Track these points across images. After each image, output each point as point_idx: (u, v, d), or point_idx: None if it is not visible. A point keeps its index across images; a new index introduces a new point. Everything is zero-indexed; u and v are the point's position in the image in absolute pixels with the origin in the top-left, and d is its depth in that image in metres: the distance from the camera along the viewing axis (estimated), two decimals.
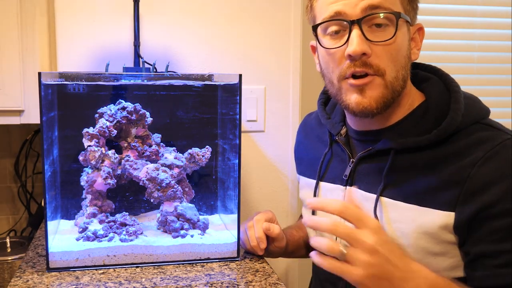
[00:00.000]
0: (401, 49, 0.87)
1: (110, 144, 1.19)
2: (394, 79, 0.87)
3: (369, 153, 0.94)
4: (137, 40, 1.34)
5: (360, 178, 0.96)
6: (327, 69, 0.92)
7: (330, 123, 1.05)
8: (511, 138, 0.83)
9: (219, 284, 1.01)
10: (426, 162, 0.86)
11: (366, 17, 0.84)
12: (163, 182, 1.14)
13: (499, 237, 0.79)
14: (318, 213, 1.05)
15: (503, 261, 0.79)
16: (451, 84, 0.91)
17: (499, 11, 1.75)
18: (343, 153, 1.00)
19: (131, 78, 1.21)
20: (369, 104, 0.87)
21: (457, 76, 1.91)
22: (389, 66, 0.86)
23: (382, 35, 0.85)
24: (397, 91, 0.88)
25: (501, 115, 1.79)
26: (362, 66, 0.85)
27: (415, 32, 0.92)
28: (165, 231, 1.17)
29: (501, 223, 0.79)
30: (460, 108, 0.86)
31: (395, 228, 0.89)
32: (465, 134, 0.85)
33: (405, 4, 0.88)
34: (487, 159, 0.81)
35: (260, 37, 1.47)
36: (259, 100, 1.49)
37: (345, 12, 0.85)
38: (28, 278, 1.01)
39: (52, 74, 1.14)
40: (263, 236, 1.10)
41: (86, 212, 1.16)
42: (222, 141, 1.25)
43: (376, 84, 0.86)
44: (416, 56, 0.93)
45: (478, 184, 0.80)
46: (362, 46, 0.84)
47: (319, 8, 0.90)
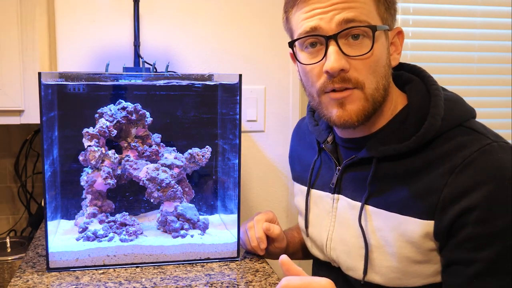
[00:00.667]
0: (379, 60, 0.86)
1: (110, 144, 1.19)
2: (375, 91, 0.86)
3: (353, 161, 0.94)
4: (137, 40, 1.34)
5: (346, 186, 0.96)
6: (306, 83, 0.92)
7: (317, 130, 1.04)
8: (491, 143, 0.81)
9: (219, 284, 1.01)
10: (407, 169, 0.86)
11: (342, 31, 0.83)
12: (163, 182, 1.14)
13: (473, 245, 0.78)
14: (310, 219, 1.05)
15: (475, 270, 0.78)
16: (431, 87, 0.90)
17: (499, 11, 1.75)
18: (330, 161, 1.00)
19: (131, 78, 1.21)
20: (350, 117, 0.86)
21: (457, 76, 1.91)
22: (368, 78, 0.85)
23: (359, 47, 0.84)
24: (378, 102, 0.87)
25: (501, 115, 1.79)
26: (341, 82, 0.84)
27: (395, 36, 0.91)
28: (165, 231, 1.17)
29: (476, 231, 0.78)
30: (439, 113, 0.85)
31: (379, 237, 0.89)
32: (445, 138, 0.84)
33: (382, 12, 0.86)
34: (465, 166, 0.79)
35: (260, 37, 1.47)
36: (259, 100, 1.49)
37: (321, 27, 0.84)
38: (28, 278, 1.01)
39: (52, 74, 1.14)
40: (263, 236, 1.10)
41: (86, 212, 1.16)
42: (222, 141, 1.25)
43: (355, 97, 0.85)
44: (396, 61, 0.92)
45: (455, 192, 0.79)
46: (339, 62, 0.83)
47: (295, 22, 0.90)
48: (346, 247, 0.95)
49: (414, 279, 0.87)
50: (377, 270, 0.90)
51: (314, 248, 1.06)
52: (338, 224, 0.97)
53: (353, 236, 0.93)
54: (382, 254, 0.89)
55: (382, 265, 0.89)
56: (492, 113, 1.78)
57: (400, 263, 0.87)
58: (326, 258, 1.03)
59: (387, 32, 0.88)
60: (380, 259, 0.89)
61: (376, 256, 0.90)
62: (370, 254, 0.90)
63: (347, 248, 0.95)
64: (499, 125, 1.77)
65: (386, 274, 0.89)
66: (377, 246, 0.89)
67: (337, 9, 0.83)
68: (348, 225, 0.95)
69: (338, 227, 0.98)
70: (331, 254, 0.99)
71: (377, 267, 0.89)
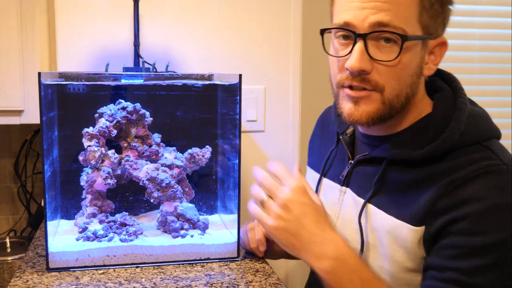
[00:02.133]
0: (406, 68, 0.84)
1: (110, 144, 1.19)
2: (395, 97, 0.84)
3: (365, 158, 0.93)
4: (137, 40, 1.34)
5: (355, 180, 0.96)
6: (330, 71, 0.91)
7: (339, 120, 1.03)
8: (500, 165, 0.80)
9: (219, 284, 1.01)
10: (414, 177, 0.85)
11: (372, 33, 0.81)
12: (163, 182, 1.14)
13: (453, 253, 0.78)
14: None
15: (448, 277, 0.78)
16: (459, 99, 0.88)
17: (499, 11, 1.75)
18: (345, 153, 1.00)
19: (131, 78, 1.21)
20: (360, 118, 0.85)
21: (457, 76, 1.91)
22: (390, 83, 0.83)
23: (388, 52, 0.82)
24: (395, 108, 0.85)
25: (501, 115, 1.79)
26: (360, 81, 0.83)
27: (437, 46, 0.88)
28: (165, 231, 1.17)
29: (459, 240, 0.77)
30: (459, 127, 0.83)
31: (376, 237, 0.89)
32: (461, 153, 0.83)
33: (425, 19, 0.83)
34: (467, 180, 0.79)
35: (260, 37, 1.47)
36: (259, 100, 1.49)
37: (354, 24, 0.82)
38: (28, 278, 1.01)
39: (52, 74, 1.14)
40: (263, 238, 1.11)
41: (86, 212, 1.16)
42: (222, 141, 1.25)
43: (372, 99, 0.84)
44: (430, 72, 0.89)
45: (450, 202, 0.79)
46: (361, 63, 0.81)
47: (336, 8, 0.87)
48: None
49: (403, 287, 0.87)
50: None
51: None
52: (342, 217, 0.98)
53: (352, 231, 0.93)
54: (376, 254, 0.89)
55: (375, 264, 0.89)
56: (492, 113, 1.76)
57: (391, 267, 0.87)
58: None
59: (427, 41, 0.85)
60: (373, 258, 0.89)
61: (370, 255, 0.90)
62: (366, 252, 0.90)
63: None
64: (499, 125, 1.76)
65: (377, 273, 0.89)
66: (373, 246, 0.89)
67: (374, 9, 0.80)
68: (350, 220, 0.95)
69: (341, 220, 0.98)
70: None
71: (370, 266, 0.89)
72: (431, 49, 0.87)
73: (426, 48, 0.86)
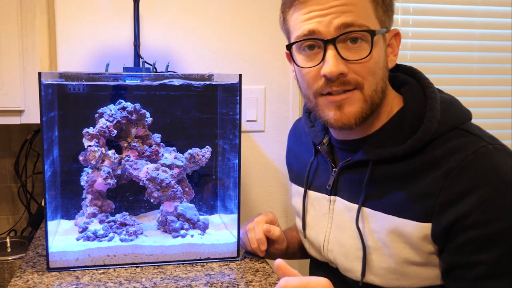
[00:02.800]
0: (378, 62, 0.86)
1: (110, 144, 1.19)
2: (373, 92, 0.86)
3: (349, 163, 0.93)
4: (137, 40, 1.34)
5: (343, 188, 0.96)
6: (302, 85, 0.91)
7: (313, 132, 1.04)
8: (487, 145, 0.81)
9: (219, 284, 1.01)
10: (403, 172, 0.85)
11: (341, 35, 0.82)
12: (163, 182, 1.14)
13: (473, 248, 0.79)
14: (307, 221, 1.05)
15: (476, 273, 0.78)
16: (427, 89, 0.89)
17: (499, 11, 1.75)
18: (326, 162, 1.00)
19: (131, 78, 1.21)
20: (348, 120, 0.86)
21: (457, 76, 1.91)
22: (368, 80, 0.85)
23: (358, 51, 0.83)
24: (375, 104, 0.87)
25: (501, 115, 1.78)
26: (340, 85, 0.84)
27: (392, 38, 0.90)
28: (165, 231, 1.17)
29: (475, 234, 0.78)
30: (435, 116, 0.84)
31: (377, 239, 0.89)
32: (441, 141, 0.84)
33: (380, 15, 0.86)
34: (461, 169, 0.79)
35: (260, 37, 1.47)
36: (259, 100, 1.49)
37: (319, 30, 0.83)
38: (28, 278, 1.01)
39: (52, 74, 1.14)
40: (263, 238, 1.10)
41: (86, 212, 1.16)
42: (222, 141, 1.25)
43: (354, 99, 0.85)
44: (393, 63, 0.91)
45: (452, 195, 0.79)
46: (338, 67, 0.82)
47: (292, 23, 0.89)
48: (343, 249, 0.95)
49: (412, 280, 0.87)
50: (375, 271, 0.90)
51: (312, 249, 1.07)
52: (335, 225, 0.97)
53: (350, 238, 0.93)
54: (380, 256, 0.89)
55: (380, 266, 0.89)
56: (492, 113, 1.78)
57: (398, 264, 0.87)
58: (323, 259, 1.03)
59: (384, 34, 0.88)
60: (378, 261, 0.89)
61: (374, 257, 0.90)
62: (368, 255, 0.90)
63: (344, 250, 0.95)
64: (499, 125, 1.77)
65: (384, 275, 0.89)
66: (375, 248, 0.89)
67: (336, 13, 0.82)
68: (345, 227, 0.94)
69: (335, 228, 0.97)
70: (328, 255, 0.99)
71: (375, 268, 0.89)
72: (388, 41, 0.90)
73: (385, 41, 0.88)
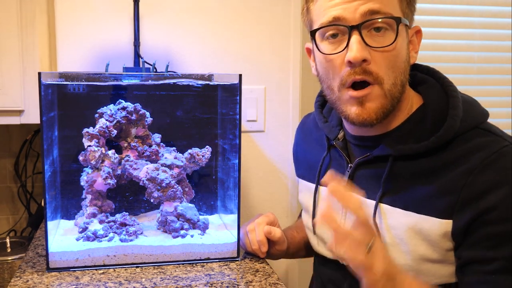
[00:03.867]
0: (400, 54, 0.86)
1: (110, 144, 1.19)
2: (392, 86, 0.85)
3: (367, 159, 0.93)
4: (137, 40, 1.34)
5: (359, 183, 0.95)
6: (326, 75, 0.91)
7: (327, 127, 1.03)
8: (509, 145, 0.82)
9: (219, 284, 1.01)
10: (424, 169, 0.85)
11: (366, 22, 0.82)
12: (163, 182, 1.14)
13: (491, 244, 0.79)
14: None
15: (493, 268, 0.78)
16: (449, 88, 0.90)
17: (499, 11, 1.75)
18: (341, 158, 0.99)
19: (131, 78, 1.21)
20: (369, 116, 0.86)
21: (457, 76, 1.91)
22: (387, 74, 0.85)
23: (381, 40, 0.83)
24: (396, 98, 0.87)
25: (501, 115, 1.79)
26: (362, 73, 0.84)
27: (413, 35, 0.91)
28: (165, 231, 1.17)
29: (495, 230, 0.78)
30: (458, 114, 0.85)
31: (394, 235, 0.88)
32: (463, 140, 0.84)
33: (404, 7, 0.87)
34: (484, 167, 0.80)
35: (260, 37, 1.47)
36: (259, 100, 1.49)
37: (344, 17, 0.83)
38: (28, 278, 1.01)
39: (52, 74, 1.14)
40: (264, 239, 1.10)
41: (86, 212, 1.16)
42: (222, 141, 1.25)
43: (375, 94, 0.85)
44: (414, 60, 0.92)
45: (474, 192, 0.79)
46: (362, 53, 0.82)
47: (316, 12, 0.89)
48: None
49: (427, 277, 0.87)
50: None
51: (322, 247, 1.05)
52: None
53: None
54: (397, 253, 0.88)
55: (398, 262, 0.88)
56: (492, 113, 1.77)
57: (414, 261, 0.86)
58: (334, 256, 1.02)
59: (407, 28, 0.88)
60: (394, 257, 0.88)
61: (391, 254, 0.89)
62: None
63: None
64: (499, 125, 1.76)
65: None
66: (392, 244, 0.89)
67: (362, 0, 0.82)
68: None
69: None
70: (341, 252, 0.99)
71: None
72: (410, 37, 0.90)
73: (407, 35, 0.89)
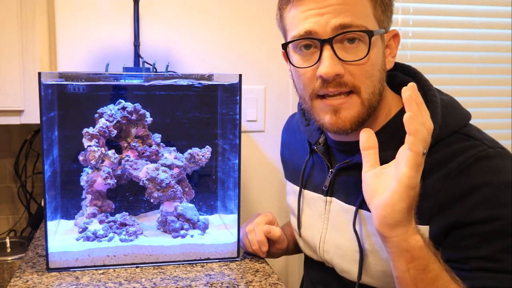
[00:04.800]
0: (375, 64, 0.84)
1: (110, 144, 1.19)
2: (371, 95, 0.84)
3: (347, 165, 0.92)
4: (137, 40, 1.34)
5: (340, 189, 0.95)
6: (298, 85, 0.90)
7: (309, 130, 1.02)
8: (486, 149, 0.81)
9: (219, 284, 1.01)
10: None
11: (338, 35, 0.81)
12: (163, 182, 1.14)
13: (470, 244, 0.78)
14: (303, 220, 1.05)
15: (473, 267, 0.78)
16: (428, 92, 0.88)
17: (499, 11, 1.75)
18: (322, 163, 0.99)
19: (131, 78, 1.21)
20: (344, 125, 0.85)
21: (457, 76, 1.91)
22: (364, 83, 0.83)
23: (355, 52, 0.82)
24: (373, 107, 0.86)
25: (501, 115, 1.78)
26: (336, 86, 0.82)
27: (390, 38, 0.89)
28: (165, 231, 1.17)
29: (473, 231, 0.78)
30: (437, 121, 0.83)
31: (374, 241, 0.88)
32: (443, 145, 0.83)
33: (379, 15, 0.84)
34: (461, 171, 0.79)
35: (260, 37, 1.47)
36: (259, 100, 1.49)
37: (316, 31, 0.82)
38: (28, 278, 1.01)
39: (52, 74, 1.14)
40: (264, 239, 1.10)
41: (86, 212, 1.16)
42: (222, 141, 1.25)
43: (351, 103, 0.84)
44: (391, 65, 0.90)
45: (451, 196, 0.79)
46: (334, 68, 0.81)
47: (289, 22, 0.87)
48: (339, 250, 0.94)
49: None
50: (372, 274, 0.89)
51: (307, 249, 1.06)
52: (331, 227, 0.97)
53: (347, 239, 0.92)
54: (377, 259, 0.88)
55: (377, 269, 0.88)
56: (492, 113, 1.78)
57: None
58: (319, 259, 1.02)
59: (383, 35, 0.86)
60: (374, 264, 0.89)
61: (371, 260, 0.89)
62: (365, 258, 0.89)
63: (341, 251, 0.94)
64: (499, 125, 1.77)
65: (381, 278, 0.88)
66: (372, 251, 0.88)
67: (333, 12, 0.81)
68: (342, 229, 0.94)
69: (331, 229, 0.97)
70: (324, 256, 0.99)
71: (372, 271, 0.89)
72: (387, 42, 0.88)
73: (383, 42, 0.87)
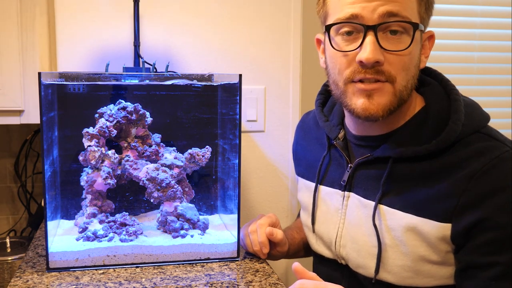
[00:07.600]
0: (413, 58, 0.85)
1: (110, 144, 1.19)
2: (404, 88, 0.85)
3: (368, 160, 0.93)
4: (137, 40, 1.34)
5: (358, 184, 0.95)
6: (333, 70, 0.90)
7: (328, 126, 1.03)
8: (509, 150, 0.82)
9: (219, 284, 1.01)
10: (424, 171, 0.85)
11: (383, 24, 0.82)
12: (163, 182, 1.14)
13: (491, 249, 0.79)
14: (317, 216, 1.05)
15: (493, 274, 0.78)
16: (451, 92, 0.89)
17: (499, 11, 1.75)
18: (341, 158, 0.99)
19: (131, 78, 1.21)
20: (376, 111, 0.85)
21: (457, 76, 1.91)
22: (400, 75, 0.84)
23: (396, 43, 0.83)
24: (404, 100, 0.87)
25: (501, 115, 1.79)
26: (374, 73, 0.83)
27: (426, 39, 0.90)
28: (165, 231, 1.17)
29: (495, 236, 0.78)
30: (460, 118, 0.85)
31: (394, 236, 0.88)
32: (464, 144, 0.84)
33: (422, 11, 0.86)
34: (484, 172, 0.80)
35: (260, 37, 1.47)
36: (259, 100, 1.49)
37: (362, 16, 0.82)
38: (28, 278, 1.01)
39: (52, 74, 1.14)
40: (266, 241, 1.10)
41: (86, 212, 1.16)
42: (222, 141, 1.25)
43: (385, 91, 0.84)
44: (423, 64, 0.91)
45: (474, 197, 0.79)
46: (375, 55, 0.82)
47: (333, 6, 0.87)
48: (356, 245, 0.95)
49: (426, 279, 0.87)
50: (390, 269, 0.89)
51: (320, 245, 1.06)
52: (348, 222, 0.97)
53: (365, 234, 0.92)
54: (396, 254, 0.88)
55: (395, 264, 0.88)
56: (492, 113, 1.77)
57: (413, 262, 0.86)
58: (333, 256, 1.02)
59: (422, 32, 0.87)
60: (393, 258, 0.89)
61: (389, 255, 0.89)
62: (383, 253, 0.90)
63: (357, 246, 0.94)
64: (499, 125, 1.76)
65: (399, 273, 0.88)
66: (391, 246, 0.89)
67: (382, 0, 0.82)
68: (360, 224, 0.94)
69: (348, 224, 0.97)
70: (340, 251, 0.99)
71: (390, 266, 0.89)
72: (423, 41, 0.89)
73: (421, 40, 0.88)
